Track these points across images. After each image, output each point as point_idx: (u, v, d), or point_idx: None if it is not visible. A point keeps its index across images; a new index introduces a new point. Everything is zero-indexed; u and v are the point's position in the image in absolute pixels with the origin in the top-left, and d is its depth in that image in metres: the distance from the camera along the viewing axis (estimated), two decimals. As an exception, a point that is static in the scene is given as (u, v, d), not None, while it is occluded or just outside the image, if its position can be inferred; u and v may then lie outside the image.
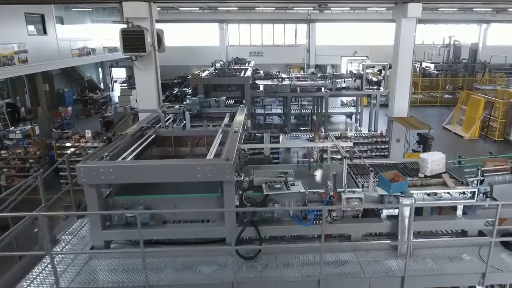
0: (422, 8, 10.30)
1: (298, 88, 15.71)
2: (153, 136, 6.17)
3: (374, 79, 16.06)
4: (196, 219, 5.02)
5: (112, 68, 30.87)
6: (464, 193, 5.09)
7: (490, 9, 28.35)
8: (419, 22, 10.87)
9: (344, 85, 16.29)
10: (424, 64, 25.50)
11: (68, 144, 11.61)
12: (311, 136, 14.70)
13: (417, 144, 12.09)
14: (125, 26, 9.53)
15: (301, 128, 17.99)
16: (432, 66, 25.10)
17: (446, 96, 24.40)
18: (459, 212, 5.11)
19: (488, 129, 17.31)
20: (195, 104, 7.34)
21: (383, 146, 11.71)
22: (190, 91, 14.43)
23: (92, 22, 26.98)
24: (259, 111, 19.58)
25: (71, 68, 23.52)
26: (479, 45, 27.06)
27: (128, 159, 5.08)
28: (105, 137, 5.36)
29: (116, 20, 11.38)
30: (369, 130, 17.45)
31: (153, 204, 4.83)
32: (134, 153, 5.43)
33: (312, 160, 5.85)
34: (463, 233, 5.20)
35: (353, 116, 19.89)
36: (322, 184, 5.20)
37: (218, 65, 16.91)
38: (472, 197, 5.09)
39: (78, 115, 21.83)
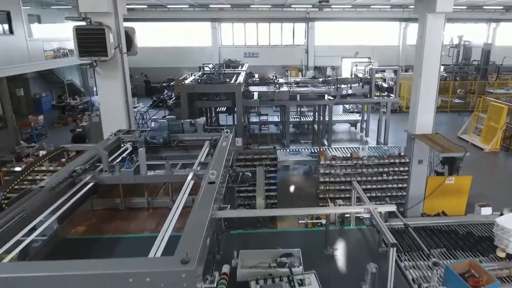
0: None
1: (298, 96, 13.69)
2: (91, 184, 4.16)
3: (385, 85, 14.06)
4: None
5: (97, 71, 28.60)
6: None
7: (501, 7, 26.62)
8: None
9: (350, 91, 14.27)
10: (432, 66, 23.55)
11: (17, 169, 9.11)
12: (313, 151, 12.76)
13: (441, 165, 10.18)
14: (83, 23, 7.53)
15: (301, 140, 15.96)
16: (441, 68, 23.15)
17: (457, 100, 22.50)
18: None
19: (511, 140, 15.43)
20: (163, 130, 5.35)
21: (401, 168, 9.74)
22: (172, 100, 12.37)
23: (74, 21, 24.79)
24: (253, 119, 17.57)
25: (48, 71, 21.38)
26: (491, 46, 25.19)
27: (36, 233, 3.10)
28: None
29: (69, 16, 9.24)
30: (377, 142, 15.50)
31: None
32: (54, 217, 3.46)
33: (328, 221, 3.83)
34: None
35: (358, 125, 17.90)
36: (348, 275, 3.21)
37: (207, 69, 14.86)
38: None
39: (53, 124, 19.67)
